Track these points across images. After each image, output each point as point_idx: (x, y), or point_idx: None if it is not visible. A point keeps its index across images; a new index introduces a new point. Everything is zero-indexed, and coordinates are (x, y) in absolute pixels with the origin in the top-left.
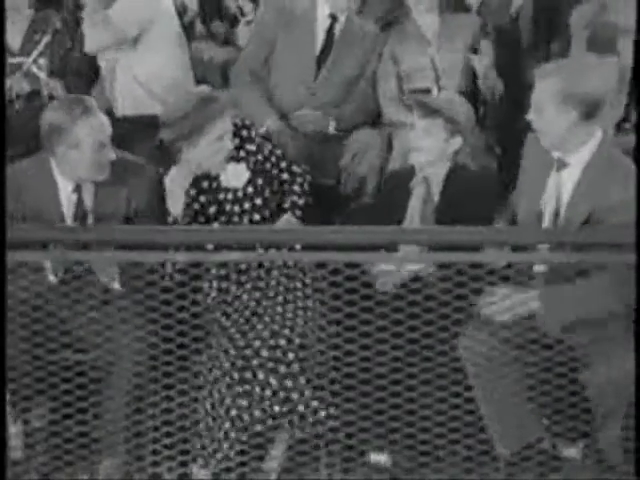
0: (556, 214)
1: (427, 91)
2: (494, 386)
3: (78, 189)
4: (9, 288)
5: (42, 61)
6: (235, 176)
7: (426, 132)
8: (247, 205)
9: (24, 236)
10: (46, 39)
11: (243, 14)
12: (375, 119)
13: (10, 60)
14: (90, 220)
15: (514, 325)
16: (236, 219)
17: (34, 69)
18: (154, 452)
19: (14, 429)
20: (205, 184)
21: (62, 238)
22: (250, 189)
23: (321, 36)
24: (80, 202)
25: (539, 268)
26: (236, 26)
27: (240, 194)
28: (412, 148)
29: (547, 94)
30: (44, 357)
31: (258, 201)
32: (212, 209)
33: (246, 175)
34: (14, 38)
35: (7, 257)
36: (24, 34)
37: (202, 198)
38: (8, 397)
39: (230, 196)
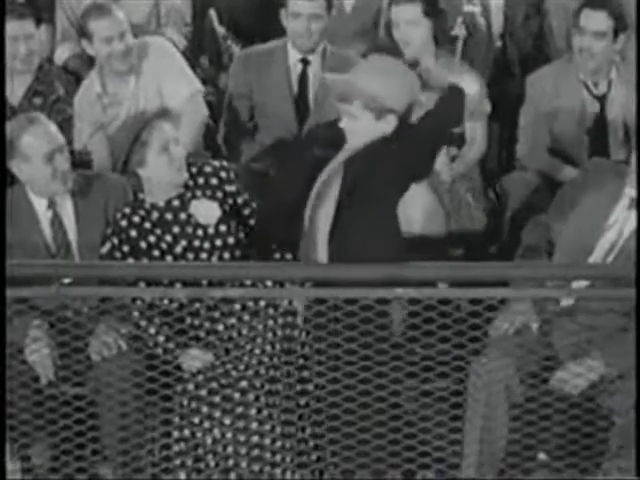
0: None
1: None
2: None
3: (52, 205)
4: None
5: None
6: (205, 212)
7: (350, 117)
8: (219, 242)
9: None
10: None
11: (231, 58)
12: None
13: None
14: (71, 236)
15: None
16: (205, 255)
17: None
18: None
19: (11, 466)
20: (160, 216)
21: (48, 274)
22: (223, 227)
23: (295, 82)
24: (56, 217)
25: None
26: (221, 70)
27: (212, 231)
28: (347, 132)
29: None
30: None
31: (231, 240)
32: (181, 244)
33: (217, 213)
34: (14, 93)
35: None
36: (25, 91)
37: (158, 230)
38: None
39: (200, 232)
